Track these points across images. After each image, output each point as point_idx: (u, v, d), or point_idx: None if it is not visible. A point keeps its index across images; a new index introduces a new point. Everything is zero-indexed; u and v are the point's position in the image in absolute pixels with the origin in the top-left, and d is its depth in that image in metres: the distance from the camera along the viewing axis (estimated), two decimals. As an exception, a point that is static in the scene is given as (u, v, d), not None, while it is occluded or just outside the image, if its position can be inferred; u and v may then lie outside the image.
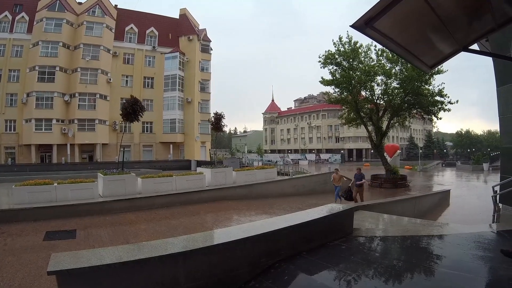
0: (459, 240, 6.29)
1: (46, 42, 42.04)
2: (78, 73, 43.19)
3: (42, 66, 41.56)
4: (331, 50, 26.46)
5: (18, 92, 42.18)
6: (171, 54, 49.67)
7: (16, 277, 6.30)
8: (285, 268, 4.78)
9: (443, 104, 25.21)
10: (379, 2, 3.30)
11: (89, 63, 43.54)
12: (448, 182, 33.26)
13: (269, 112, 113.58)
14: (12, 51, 42.95)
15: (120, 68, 47.64)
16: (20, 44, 43.18)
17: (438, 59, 5.17)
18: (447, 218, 14.52)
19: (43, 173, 25.69)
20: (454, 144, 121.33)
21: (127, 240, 9.11)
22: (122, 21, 48.20)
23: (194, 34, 51.08)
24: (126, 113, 16.36)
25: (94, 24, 44.86)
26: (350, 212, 6.78)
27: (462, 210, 16.45)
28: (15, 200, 12.55)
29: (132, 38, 49.21)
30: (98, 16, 45.33)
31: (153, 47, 49.83)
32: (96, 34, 44.69)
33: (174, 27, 52.10)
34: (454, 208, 16.98)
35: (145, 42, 49.68)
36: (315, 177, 22.74)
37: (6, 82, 42.24)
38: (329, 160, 78.21)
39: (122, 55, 48.18)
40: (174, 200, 14.98)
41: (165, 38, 50.77)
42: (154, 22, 50.85)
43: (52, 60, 41.95)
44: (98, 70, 44.17)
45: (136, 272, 3.73)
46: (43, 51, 41.87)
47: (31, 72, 41.56)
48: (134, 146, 47.86)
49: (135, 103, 16.45)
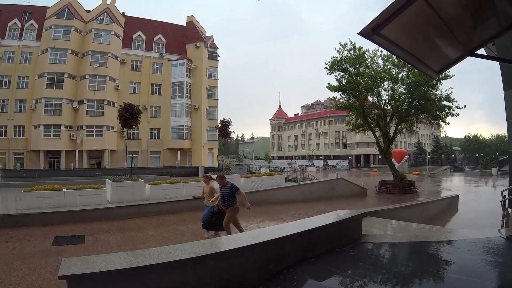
0: (468, 245, 6.24)
1: (55, 49, 42.64)
2: (86, 80, 43.69)
3: (51, 73, 42.14)
4: (336, 56, 26.46)
5: (27, 98, 42.76)
6: (178, 61, 49.99)
7: (25, 281, 6.34)
8: (293, 274, 4.78)
9: (450, 109, 25.10)
10: (385, 9, 3.33)
11: (97, 70, 44.00)
12: (456, 187, 33.09)
13: (276, 118, 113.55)
14: (21, 58, 43.60)
15: (128, 75, 48.05)
16: (29, 51, 43.80)
17: (445, 64, 5.16)
18: (456, 223, 14.46)
19: (51, 178, 25.79)
20: (462, 149, 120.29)
21: (135, 246, 9.13)
22: (130, 28, 48.67)
23: (201, 41, 51.38)
24: (125, 119, 16.45)
25: (102, 31, 45.38)
26: (359, 218, 6.76)
27: (471, 215, 16.37)
28: (24, 205, 12.63)
29: (139, 45, 49.66)
30: (106, 23, 45.85)
31: (160, 54, 50.19)
32: (104, 42, 45.20)
33: (181, 34, 52.48)
34: (462, 213, 16.89)
35: (152, 49, 50.10)
36: (322, 184, 22.74)
37: (15, 89, 42.87)
38: (337, 166, 77.99)
39: (130, 62, 48.62)
40: (182, 206, 14.92)
41: (173, 45, 51.09)
42: (162, 30, 51.28)
43: (60, 67, 42.50)
44: (106, 77, 44.64)
45: (146, 277, 3.75)
46: (52, 58, 42.47)
47: (40, 78, 42.14)
48: (142, 153, 48.05)
49: (130, 107, 16.56)
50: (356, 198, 21.85)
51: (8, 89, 42.73)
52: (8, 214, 12.52)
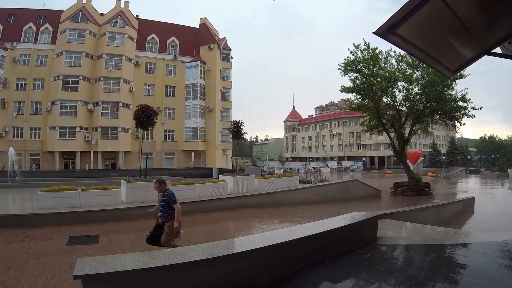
0: (484, 248, 6.13)
1: (70, 52, 43.19)
2: (101, 82, 44.17)
3: (66, 75, 42.70)
4: (350, 57, 26.28)
5: (43, 100, 43.46)
6: (192, 63, 50.20)
7: (40, 280, 6.40)
8: (308, 276, 4.75)
9: (466, 110, 24.75)
10: (401, 8, 3.29)
11: (111, 73, 44.45)
12: (472, 189, 32.60)
13: (290, 120, 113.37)
14: (37, 61, 44.39)
15: (142, 77, 48.45)
16: (44, 54, 44.56)
17: (461, 63, 5.09)
18: (472, 226, 14.23)
19: (66, 179, 26.09)
20: (477, 150, 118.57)
21: (149, 246, 9.17)
22: (144, 31, 49.06)
23: (215, 43, 51.54)
24: (141, 121, 16.53)
25: (116, 34, 45.81)
26: (374, 220, 6.71)
27: (487, 218, 16.09)
28: (40, 205, 12.80)
29: (153, 47, 50.06)
30: (120, 26, 46.29)
31: (174, 56, 50.46)
32: (118, 44, 45.64)
33: (195, 36, 52.75)
34: (478, 216, 16.62)
35: (166, 52, 50.44)
36: (336, 185, 22.60)
37: (31, 91, 43.65)
38: (351, 167, 77.33)
39: (144, 64, 49.01)
40: (195, 207, 15.00)
41: (186, 47, 51.37)
42: (175, 32, 51.57)
43: (75, 69, 43.05)
44: (121, 79, 45.07)
45: (160, 278, 3.76)
46: (67, 61, 43.05)
47: (55, 81, 42.76)
48: (156, 154, 48.36)
49: (146, 108, 16.64)
50: (370, 200, 21.68)
51: (24, 91, 43.52)
52: (24, 214, 12.73)
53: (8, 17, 45.38)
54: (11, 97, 42.92)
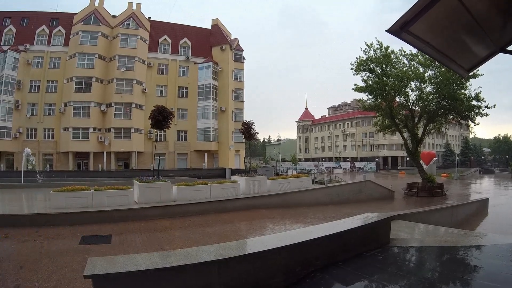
0: (498, 251, 6.01)
1: (83, 54, 43.67)
2: (114, 84, 44.51)
3: (79, 77, 43.21)
4: (362, 57, 26.16)
5: (56, 102, 44.07)
6: (204, 64, 50.26)
7: (51, 279, 6.46)
8: (320, 278, 4.71)
9: (480, 109, 24.45)
10: (413, 5, 3.25)
11: (124, 74, 44.77)
12: (486, 190, 32.24)
13: (303, 120, 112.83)
14: (50, 63, 45.00)
15: (154, 78, 48.63)
16: (58, 56, 45.16)
17: (476, 61, 5.01)
18: (486, 228, 14.06)
19: (80, 179, 26.35)
20: (491, 150, 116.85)
21: (161, 247, 9.20)
22: (156, 32, 49.32)
23: (227, 44, 51.51)
24: (156, 121, 16.63)
25: (128, 36, 46.13)
26: (387, 222, 6.63)
27: (502, 219, 15.91)
28: (53, 205, 12.92)
29: (165, 49, 50.24)
30: (132, 28, 46.62)
31: (186, 57, 50.57)
32: (131, 46, 45.94)
33: (207, 37, 52.81)
34: (493, 217, 16.43)
35: (178, 53, 50.56)
36: (349, 186, 22.48)
37: (44, 93, 44.33)
38: (364, 168, 76.85)
39: (157, 66, 49.18)
40: (208, 208, 15.03)
41: (198, 48, 51.42)
42: (187, 33, 51.69)
43: (88, 71, 43.50)
44: (133, 81, 45.34)
45: (171, 278, 3.76)
46: (80, 63, 43.52)
47: (68, 83, 43.31)
48: (169, 155, 48.50)
49: (163, 110, 16.73)
50: (383, 201, 21.56)
51: (38, 93, 44.22)
52: (37, 213, 12.85)
53: (21, 20, 46.11)
54: (25, 99, 43.64)
